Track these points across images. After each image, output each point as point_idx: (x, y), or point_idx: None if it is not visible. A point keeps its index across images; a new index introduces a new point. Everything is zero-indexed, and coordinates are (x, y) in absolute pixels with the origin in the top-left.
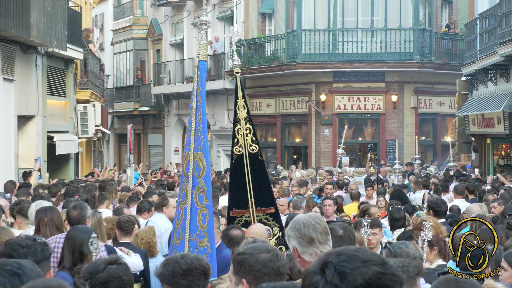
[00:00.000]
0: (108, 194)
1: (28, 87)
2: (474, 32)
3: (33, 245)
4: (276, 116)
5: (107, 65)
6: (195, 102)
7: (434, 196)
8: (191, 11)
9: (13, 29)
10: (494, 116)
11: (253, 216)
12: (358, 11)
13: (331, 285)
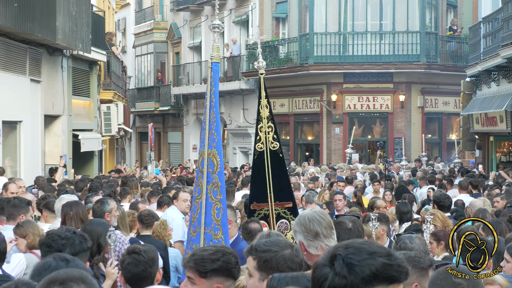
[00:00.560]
0: (130, 189)
1: (54, 88)
2: (478, 35)
3: (72, 237)
4: (289, 115)
5: (129, 67)
6: (209, 101)
7: (439, 191)
8: (208, 15)
9: (40, 32)
10: (496, 115)
11: (271, 209)
12: (368, 15)
13: (340, 277)
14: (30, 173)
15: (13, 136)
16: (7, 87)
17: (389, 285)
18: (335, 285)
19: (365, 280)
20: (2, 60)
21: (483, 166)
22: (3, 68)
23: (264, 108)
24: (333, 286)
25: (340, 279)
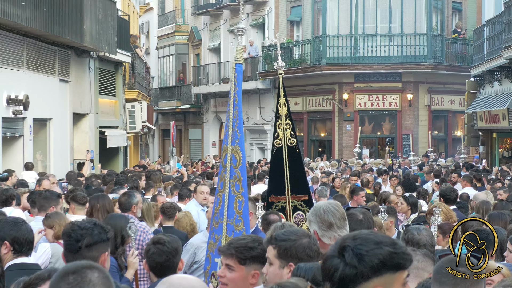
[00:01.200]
0: (153, 182)
1: (82, 88)
2: (482, 37)
3: (91, 228)
4: (303, 113)
5: (152, 68)
6: (232, 100)
7: (445, 185)
8: (227, 19)
9: (68, 35)
10: (499, 113)
11: (288, 202)
12: (377, 18)
13: (350, 266)
14: (59, 167)
15: (43, 133)
16: (38, 87)
17: (396, 272)
18: (346, 275)
19: (374, 268)
20: (33, 61)
21: (486, 161)
22: (34, 69)
23: (283, 106)
24: (344, 276)
25: (351, 269)
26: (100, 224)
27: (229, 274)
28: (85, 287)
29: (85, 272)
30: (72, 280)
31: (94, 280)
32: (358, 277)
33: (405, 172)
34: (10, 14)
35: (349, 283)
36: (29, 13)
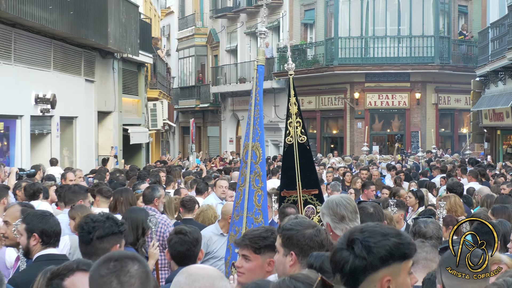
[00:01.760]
0: (173, 177)
1: (106, 87)
2: (486, 39)
3: (103, 221)
4: (316, 111)
5: (173, 68)
6: (254, 100)
7: (452, 180)
8: (243, 22)
9: (93, 37)
10: (503, 111)
11: (299, 196)
12: (387, 21)
13: (360, 258)
14: (85, 163)
15: (69, 130)
16: (65, 87)
17: (402, 262)
18: (356, 267)
19: (382, 259)
20: (60, 62)
21: (491, 157)
22: (60, 69)
23: (293, 105)
24: (354, 267)
25: (361, 260)
26: (112, 218)
27: (246, 264)
28: (121, 276)
29: (126, 262)
30: (112, 266)
31: (132, 272)
32: (367, 268)
33: (411, 167)
34: (38, 17)
35: (359, 274)
36: (56, 16)
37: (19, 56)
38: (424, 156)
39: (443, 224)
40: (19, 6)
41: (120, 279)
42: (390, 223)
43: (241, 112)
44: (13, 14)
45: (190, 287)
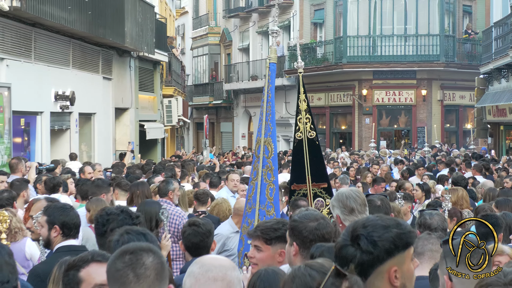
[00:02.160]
0: (187, 171)
1: (123, 85)
2: (490, 37)
3: (117, 214)
4: (325, 108)
5: (187, 66)
6: (266, 96)
7: (456, 173)
8: (255, 21)
9: (111, 37)
10: (506, 107)
11: (309, 189)
12: (394, 20)
13: (367, 253)
14: (103, 157)
15: (88, 126)
16: (83, 84)
17: (405, 250)
18: (363, 261)
19: (388, 251)
20: (78, 60)
21: (495, 152)
22: (79, 67)
23: (303, 102)
24: (361, 262)
25: (368, 255)
26: (127, 211)
27: (258, 255)
28: (137, 269)
29: (141, 254)
30: (128, 259)
31: (148, 264)
32: (375, 262)
33: (418, 161)
34: (57, 17)
35: (367, 268)
36: (75, 16)
37: (39, 55)
38: (430, 151)
39: (448, 216)
40: (39, 6)
41: (136, 272)
42: (398, 215)
43: (253, 109)
44: (33, 14)
45: (203, 277)
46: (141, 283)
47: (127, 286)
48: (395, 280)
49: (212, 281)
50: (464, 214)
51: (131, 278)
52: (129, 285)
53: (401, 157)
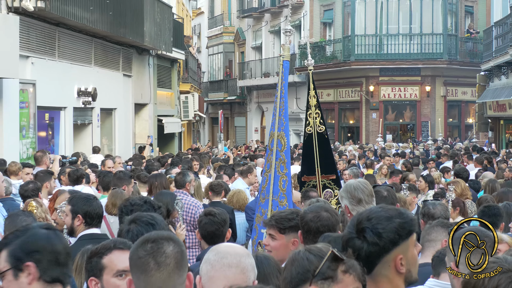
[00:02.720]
0: (203, 163)
1: (142, 81)
2: (491, 36)
3: (140, 205)
4: (334, 103)
5: (203, 64)
6: (279, 92)
7: (459, 166)
8: (268, 21)
9: (131, 36)
10: (506, 102)
11: (318, 181)
12: (399, 20)
13: (373, 245)
14: (123, 150)
15: (109, 121)
16: (105, 81)
17: (409, 238)
18: (370, 252)
19: (393, 241)
20: (100, 58)
21: (495, 145)
22: (101, 65)
23: (312, 98)
24: (368, 253)
25: (374, 246)
26: (150, 202)
27: (272, 243)
28: (158, 257)
29: (162, 243)
30: (149, 248)
31: (168, 252)
32: (381, 252)
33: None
34: (80, 17)
35: (374, 258)
36: (97, 16)
37: (63, 53)
38: (433, 144)
39: (452, 206)
40: (63, 7)
41: (156, 260)
42: (403, 205)
43: (265, 104)
44: (57, 14)
45: (218, 263)
46: (161, 271)
47: (148, 273)
48: (401, 267)
49: (227, 268)
50: (467, 204)
51: (152, 266)
52: (150, 272)
53: (406, 151)
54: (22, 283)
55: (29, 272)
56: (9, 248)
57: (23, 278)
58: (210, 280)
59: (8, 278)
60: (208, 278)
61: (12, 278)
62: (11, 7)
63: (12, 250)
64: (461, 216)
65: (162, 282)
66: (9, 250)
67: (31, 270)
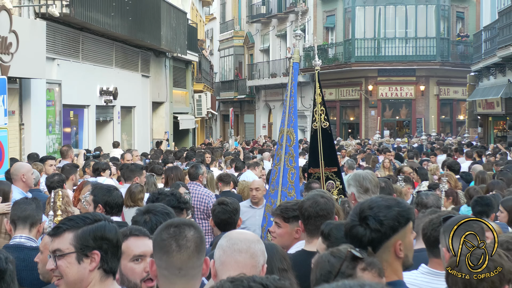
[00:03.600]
0: (215, 157)
1: (159, 81)
2: (480, 40)
3: (166, 195)
4: (336, 101)
5: (215, 65)
6: (289, 92)
7: (450, 159)
8: (275, 26)
9: (148, 39)
10: (494, 101)
11: (322, 173)
12: (396, 25)
13: (375, 231)
14: (141, 145)
15: (129, 118)
16: (125, 81)
17: (406, 225)
18: (372, 238)
19: (392, 228)
20: (120, 60)
21: (484, 140)
22: (121, 66)
23: (318, 96)
24: (371, 239)
25: (376, 233)
26: (175, 194)
27: (277, 230)
28: (179, 240)
29: (184, 228)
30: (172, 231)
31: (189, 236)
32: (382, 238)
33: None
34: (102, 22)
35: (376, 244)
36: (117, 22)
37: (86, 55)
38: (426, 139)
39: (445, 195)
40: (86, 12)
41: (178, 243)
42: (400, 195)
43: (272, 102)
44: (81, 20)
45: (230, 249)
46: (182, 253)
47: (170, 254)
48: (400, 252)
49: (238, 253)
50: (459, 194)
51: (174, 248)
52: (172, 254)
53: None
54: (84, 268)
55: (93, 260)
56: (76, 231)
57: (86, 264)
58: (222, 264)
59: (69, 260)
60: (220, 263)
61: (74, 261)
62: (39, 13)
63: (81, 235)
64: (454, 205)
65: (182, 263)
66: (77, 234)
67: (95, 258)
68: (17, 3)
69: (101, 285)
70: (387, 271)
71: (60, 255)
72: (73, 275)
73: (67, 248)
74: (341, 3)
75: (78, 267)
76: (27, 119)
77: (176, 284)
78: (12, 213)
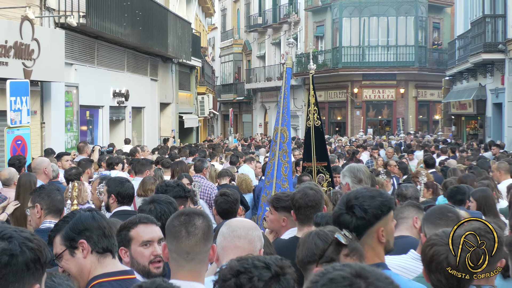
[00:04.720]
0: (216, 152)
1: (166, 85)
2: (454, 47)
3: (174, 186)
4: (324, 103)
5: (217, 70)
6: (283, 94)
7: (426, 154)
8: (270, 35)
9: (157, 47)
10: (467, 102)
11: (314, 167)
12: (379, 34)
13: (361, 219)
14: (150, 142)
15: (139, 117)
16: (135, 84)
17: (388, 213)
18: (358, 225)
19: (376, 216)
20: (131, 65)
21: (458, 138)
22: (132, 71)
23: (312, 97)
24: (356, 225)
25: (361, 220)
26: (181, 185)
27: (270, 216)
28: (189, 227)
29: (193, 216)
30: (183, 219)
31: (198, 224)
32: (367, 225)
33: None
34: (115, 31)
35: (361, 230)
36: (129, 31)
37: (101, 61)
38: (405, 137)
39: (425, 187)
40: (101, 23)
41: (187, 230)
42: (381, 187)
43: (268, 103)
44: (96, 29)
45: (230, 235)
46: (190, 239)
47: (180, 239)
48: (382, 238)
49: (237, 239)
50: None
51: (183, 234)
52: (181, 239)
53: (384, 142)
54: (78, 258)
55: (83, 248)
56: (61, 233)
57: (79, 254)
58: (223, 249)
59: (66, 257)
60: (221, 248)
61: (69, 256)
62: (58, 23)
63: (65, 234)
64: (433, 196)
65: (190, 248)
66: (62, 234)
67: (84, 246)
68: (39, 14)
69: (100, 265)
70: (371, 255)
71: (58, 257)
72: (74, 267)
73: (60, 249)
74: (329, 14)
75: (74, 260)
76: (47, 118)
77: (184, 267)
78: (47, 202)
